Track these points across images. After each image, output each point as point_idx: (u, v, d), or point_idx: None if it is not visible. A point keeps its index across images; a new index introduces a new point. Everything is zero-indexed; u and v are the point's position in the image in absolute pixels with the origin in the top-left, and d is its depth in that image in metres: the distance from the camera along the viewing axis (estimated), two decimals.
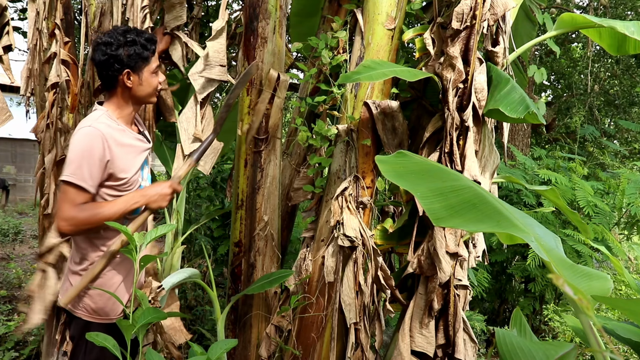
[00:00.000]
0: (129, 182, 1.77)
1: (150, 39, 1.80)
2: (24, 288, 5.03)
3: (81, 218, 1.64)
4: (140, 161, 1.83)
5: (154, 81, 1.82)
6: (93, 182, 1.67)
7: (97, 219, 1.65)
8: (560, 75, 9.02)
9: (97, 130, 1.69)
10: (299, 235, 3.64)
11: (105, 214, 1.66)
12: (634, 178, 3.99)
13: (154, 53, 1.81)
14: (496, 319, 4.40)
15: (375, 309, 2.25)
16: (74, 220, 1.63)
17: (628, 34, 2.01)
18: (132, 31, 1.79)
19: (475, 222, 1.16)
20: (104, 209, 1.67)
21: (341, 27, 2.42)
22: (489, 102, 1.93)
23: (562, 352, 1.15)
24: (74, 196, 1.64)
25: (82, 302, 1.79)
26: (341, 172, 2.23)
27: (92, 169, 1.66)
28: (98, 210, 1.67)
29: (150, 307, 1.55)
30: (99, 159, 1.67)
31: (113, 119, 1.80)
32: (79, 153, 1.66)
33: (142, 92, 1.81)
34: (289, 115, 8.64)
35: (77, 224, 1.64)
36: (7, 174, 12.32)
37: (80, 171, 1.64)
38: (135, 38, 1.76)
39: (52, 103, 2.82)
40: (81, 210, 1.64)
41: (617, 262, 1.66)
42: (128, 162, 1.76)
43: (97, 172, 1.67)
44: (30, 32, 2.87)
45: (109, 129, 1.74)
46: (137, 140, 1.85)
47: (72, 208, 1.63)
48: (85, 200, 1.66)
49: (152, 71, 1.81)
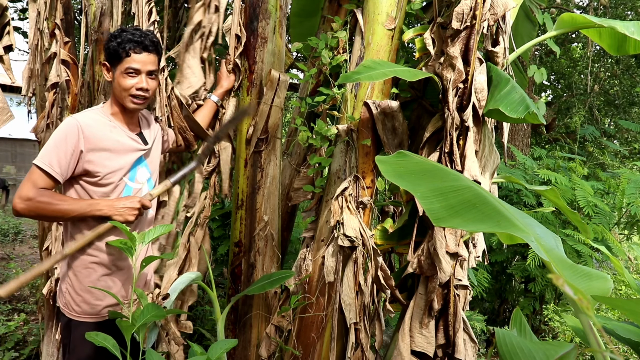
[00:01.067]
0: (106, 179, 1.75)
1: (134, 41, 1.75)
2: (23, 288, 5.03)
3: (37, 201, 1.65)
4: (127, 161, 1.80)
5: (123, 82, 1.77)
6: (60, 170, 1.68)
7: (53, 208, 1.66)
8: (560, 75, 9.02)
9: (76, 121, 1.72)
10: (299, 235, 3.64)
11: (62, 208, 1.67)
12: (634, 178, 3.99)
13: (128, 55, 1.75)
14: (496, 319, 4.40)
15: (375, 309, 2.26)
16: (30, 201, 1.65)
17: (628, 34, 2.01)
18: (129, 29, 1.79)
19: (475, 222, 1.16)
20: (63, 202, 1.68)
21: (341, 27, 2.42)
22: (489, 102, 1.93)
23: (562, 352, 1.15)
24: (36, 178, 1.67)
25: (64, 299, 1.80)
26: (341, 172, 2.23)
27: (62, 157, 1.68)
28: (57, 201, 1.67)
29: (150, 304, 1.54)
30: (72, 149, 1.69)
31: (105, 115, 1.82)
32: (53, 140, 1.70)
33: (116, 91, 1.81)
34: (289, 115, 8.64)
35: (32, 206, 1.65)
36: (7, 174, 12.33)
37: (48, 157, 1.67)
38: (121, 34, 1.76)
39: (52, 103, 2.82)
40: (41, 194, 1.66)
41: (617, 262, 1.66)
42: (107, 157, 1.75)
43: (67, 161, 1.69)
44: (31, 32, 2.87)
45: (90, 122, 1.75)
46: (129, 138, 1.83)
47: (32, 189, 1.65)
48: (46, 186, 1.68)
49: (122, 71, 1.76)
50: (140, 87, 1.78)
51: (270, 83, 2.37)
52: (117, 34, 1.77)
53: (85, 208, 1.69)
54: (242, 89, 2.44)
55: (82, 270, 1.78)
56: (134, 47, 1.75)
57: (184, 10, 3.60)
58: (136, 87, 1.77)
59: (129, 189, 1.83)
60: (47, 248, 2.89)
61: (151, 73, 1.80)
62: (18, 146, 12.65)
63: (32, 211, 1.67)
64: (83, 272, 1.78)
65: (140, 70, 1.77)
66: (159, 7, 3.40)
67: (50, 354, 2.95)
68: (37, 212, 1.67)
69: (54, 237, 2.83)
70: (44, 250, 2.93)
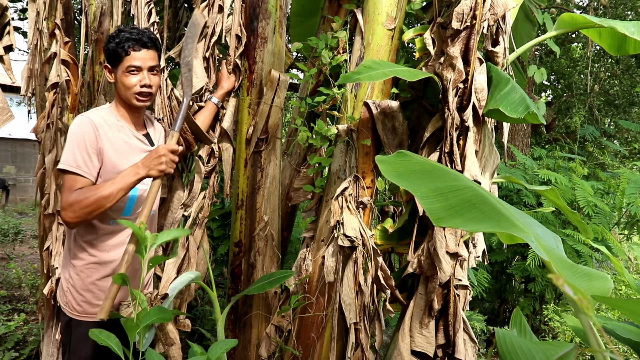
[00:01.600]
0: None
1: (132, 39, 1.75)
2: (23, 288, 5.03)
3: (81, 200, 1.60)
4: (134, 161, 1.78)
5: (127, 81, 1.77)
6: (88, 168, 1.67)
7: (97, 198, 1.60)
8: (560, 75, 9.02)
9: (88, 118, 1.73)
10: (299, 235, 3.64)
11: (105, 193, 1.61)
12: (634, 178, 3.99)
13: (127, 53, 1.75)
14: (496, 319, 4.40)
15: (375, 309, 2.26)
16: (75, 205, 1.60)
17: (628, 34, 2.01)
18: (126, 28, 1.80)
19: (475, 222, 1.16)
20: (102, 188, 1.63)
21: (341, 27, 2.42)
22: (489, 102, 1.93)
23: (562, 352, 1.15)
24: (71, 183, 1.65)
25: (66, 298, 1.80)
26: (341, 172, 2.23)
27: (85, 155, 1.67)
28: (96, 190, 1.62)
29: (156, 307, 1.54)
30: (91, 145, 1.68)
31: (113, 115, 1.83)
32: (71, 141, 1.69)
33: (120, 91, 1.81)
34: (289, 115, 8.64)
35: (80, 208, 1.60)
36: (7, 174, 12.32)
37: (73, 158, 1.66)
38: (119, 34, 1.76)
39: (52, 103, 2.83)
40: (80, 193, 1.62)
41: (617, 262, 1.66)
42: (117, 158, 1.75)
43: (91, 158, 1.68)
44: (31, 32, 2.87)
45: (101, 120, 1.76)
46: (136, 139, 1.84)
47: (71, 194, 1.62)
48: (83, 186, 1.65)
49: (124, 70, 1.77)
50: (144, 83, 1.78)
51: (270, 83, 2.37)
52: (115, 35, 1.78)
53: (123, 180, 1.64)
54: (242, 89, 2.44)
55: (84, 270, 1.78)
56: (132, 45, 1.75)
57: (184, 10, 3.60)
58: (140, 84, 1.78)
59: (136, 190, 1.82)
60: (48, 248, 2.89)
61: (152, 69, 1.81)
62: (18, 146, 12.65)
63: (84, 212, 1.61)
64: (85, 271, 1.78)
65: (142, 67, 1.78)
66: (159, 7, 3.40)
67: (50, 354, 2.96)
68: (87, 211, 1.62)
69: (54, 237, 2.83)
70: (44, 250, 2.94)
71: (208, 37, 2.35)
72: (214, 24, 2.35)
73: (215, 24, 2.35)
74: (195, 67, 2.32)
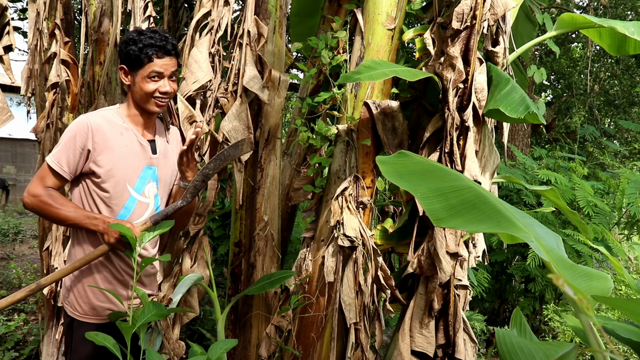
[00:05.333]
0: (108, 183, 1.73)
1: (156, 45, 1.72)
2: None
3: (41, 200, 1.69)
4: (134, 166, 1.78)
5: (146, 87, 1.74)
6: (69, 169, 1.72)
7: (53, 211, 1.69)
8: (560, 75, 9.01)
9: (87, 120, 1.74)
10: (299, 235, 3.64)
11: (61, 213, 1.69)
12: (634, 178, 3.99)
13: (151, 60, 1.72)
14: (496, 319, 4.40)
15: (375, 309, 2.25)
16: (35, 198, 1.70)
17: (628, 34, 2.01)
18: (147, 32, 1.75)
19: (475, 222, 1.16)
20: (64, 208, 1.70)
21: (341, 27, 2.42)
22: (489, 102, 1.93)
23: (562, 352, 1.15)
24: (45, 175, 1.72)
25: (68, 298, 1.81)
26: (341, 172, 2.23)
27: (70, 156, 1.71)
28: (58, 205, 1.70)
29: (150, 303, 1.54)
30: (80, 147, 1.71)
31: (120, 116, 1.81)
32: (64, 139, 1.73)
33: (136, 94, 1.78)
34: (289, 115, 8.64)
35: (36, 203, 1.70)
36: (7, 174, 12.33)
37: (58, 155, 1.71)
38: (140, 38, 1.72)
39: (52, 103, 2.83)
40: (47, 194, 1.70)
41: (617, 262, 1.66)
42: (110, 161, 1.73)
43: (75, 161, 1.71)
44: (31, 32, 2.87)
45: (102, 122, 1.75)
46: (138, 144, 1.80)
47: (40, 186, 1.71)
48: (54, 183, 1.72)
49: (145, 76, 1.74)
50: (164, 90, 1.76)
51: (273, 84, 2.37)
52: (137, 39, 1.72)
53: (82, 219, 1.70)
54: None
55: (86, 270, 1.78)
56: (156, 52, 1.72)
57: (184, 10, 3.60)
58: (159, 90, 1.76)
59: (134, 200, 1.78)
60: (47, 248, 2.89)
61: (172, 75, 1.79)
62: (18, 146, 12.65)
63: (36, 208, 1.72)
64: (87, 272, 1.78)
65: (164, 74, 1.75)
66: (159, 7, 3.40)
67: (50, 354, 2.96)
68: (39, 210, 1.72)
69: (54, 237, 2.83)
70: (44, 251, 2.94)
71: (214, 31, 2.32)
72: (220, 19, 2.32)
73: (220, 18, 2.33)
74: (200, 62, 2.29)
